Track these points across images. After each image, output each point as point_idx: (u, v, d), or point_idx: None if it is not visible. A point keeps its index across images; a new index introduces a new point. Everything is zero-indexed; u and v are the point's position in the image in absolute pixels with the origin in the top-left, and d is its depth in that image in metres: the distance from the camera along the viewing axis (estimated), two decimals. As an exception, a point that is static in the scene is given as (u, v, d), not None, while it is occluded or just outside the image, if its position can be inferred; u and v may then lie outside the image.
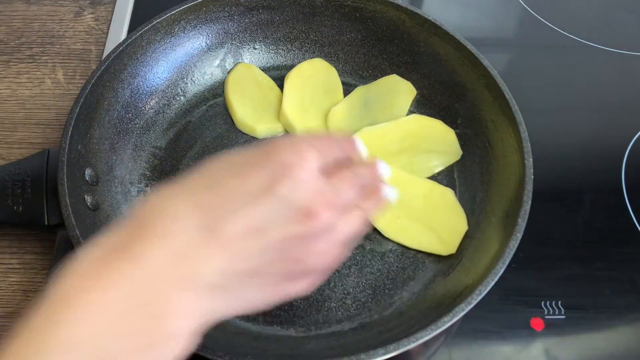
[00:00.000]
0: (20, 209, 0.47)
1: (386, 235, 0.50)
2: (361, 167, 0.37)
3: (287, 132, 0.57)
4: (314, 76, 0.59)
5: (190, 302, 0.30)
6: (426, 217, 0.51)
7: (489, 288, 0.41)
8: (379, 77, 0.59)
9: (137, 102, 0.55)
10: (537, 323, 0.48)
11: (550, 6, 0.73)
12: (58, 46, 0.66)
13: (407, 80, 0.58)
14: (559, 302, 0.49)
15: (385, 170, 0.38)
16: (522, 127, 0.49)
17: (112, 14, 0.69)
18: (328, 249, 0.34)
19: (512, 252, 0.42)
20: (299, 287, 0.35)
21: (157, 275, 0.29)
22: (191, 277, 0.30)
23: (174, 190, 0.33)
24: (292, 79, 0.59)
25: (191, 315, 0.30)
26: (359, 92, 0.59)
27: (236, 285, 0.31)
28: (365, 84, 0.59)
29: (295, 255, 0.33)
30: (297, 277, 0.34)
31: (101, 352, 0.27)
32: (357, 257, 0.49)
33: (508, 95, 0.50)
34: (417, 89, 0.58)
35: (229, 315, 0.33)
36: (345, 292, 0.48)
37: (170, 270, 0.29)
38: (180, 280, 0.30)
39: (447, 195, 0.52)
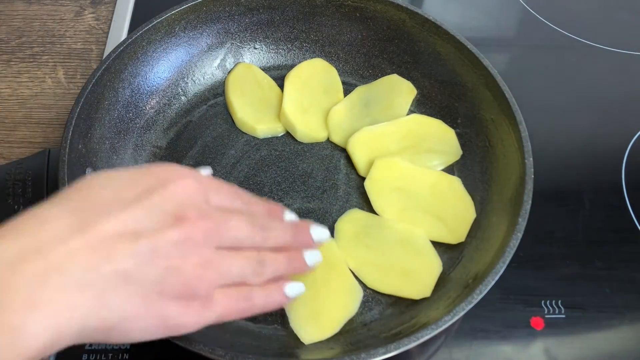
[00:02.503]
0: (21, 208, 0.47)
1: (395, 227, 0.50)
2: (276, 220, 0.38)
3: (288, 131, 0.57)
4: (314, 76, 0.59)
5: (48, 297, 0.28)
6: (434, 207, 0.51)
7: (489, 287, 0.41)
8: (379, 77, 0.60)
9: (138, 102, 0.55)
10: (537, 322, 0.48)
11: (551, 6, 0.73)
12: (59, 46, 0.66)
13: (408, 80, 0.58)
14: (559, 302, 0.49)
15: (316, 234, 0.40)
16: (523, 127, 0.49)
17: (113, 14, 0.69)
18: (205, 265, 0.33)
19: (513, 252, 0.42)
20: (183, 312, 0.33)
21: (6, 264, 0.28)
22: (52, 270, 0.28)
23: (49, 201, 0.32)
24: (293, 79, 0.59)
25: (50, 312, 0.28)
26: (359, 91, 0.59)
27: (109, 288, 0.30)
28: (366, 83, 0.60)
29: (170, 264, 0.32)
30: (177, 296, 0.32)
31: None
32: (358, 257, 0.49)
33: (508, 94, 0.50)
34: (417, 88, 0.58)
35: (113, 329, 0.31)
36: (346, 291, 0.48)
37: (24, 262, 0.28)
38: (36, 273, 0.28)
39: (454, 185, 0.52)
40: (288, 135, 0.57)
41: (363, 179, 0.53)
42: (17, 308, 0.27)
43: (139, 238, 0.31)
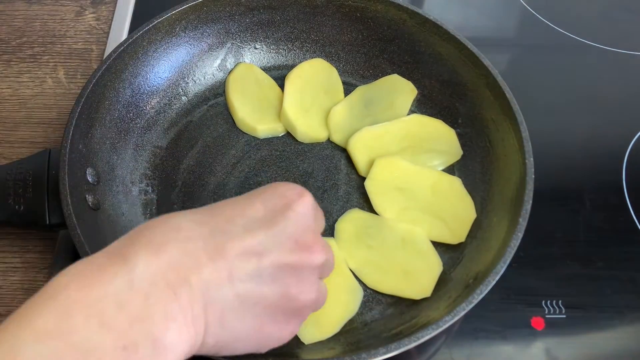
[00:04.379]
0: (22, 208, 0.47)
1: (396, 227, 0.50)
2: None
3: (288, 132, 0.57)
4: (314, 76, 0.59)
5: (179, 311, 0.29)
6: (434, 207, 0.51)
7: (490, 287, 0.41)
8: (380, 77, 0.59)
9: (138, 102, 0.55)
10: (537, 322, 0.48)
11: (551, 6, 0.73)
12: (59, 46, 0.66)
13: (408, 80, 0.58)
14: (560, 302, 0.49)
15: None
16: (523, 127, 0.49)
17: (113, 14, 0.69)
18: (318, 284, 0.36)
19: (513, 252, 0.42)
20: (290, 329, 0.35)
21: (146, 278, 0.28)
22: (180, 283, 0.29)
23: (176, 213, 0.33)
24: (293, 79, 0.59)
25: (180, 326, 0.29)
26: (360, 91, 0.59)
27: (228, 308, 0.31)
28: (366, 83, 0.60)
29: (289, 286, 0.33)
30: (289, 315, 0.34)
31: (76, 345, 0.26)
32: (358, 257, 0.49)
33: (509, 94, 0.50)
34: (417, 88, 0.58)
35: (224, 347, 0.32)
36: (346, 291, 0.48)
37: (160, 275, 0.29)
38: (169, 286, 0.29)
39: (455, 184, 0.52)
40: (288, 135, 0.57)
41: (363, 179, 0.53)
42: (157, 320, 0.28)
43: (263, 259, 0.32)
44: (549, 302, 0.49)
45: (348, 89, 0.59)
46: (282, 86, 0.59)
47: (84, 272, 0.28)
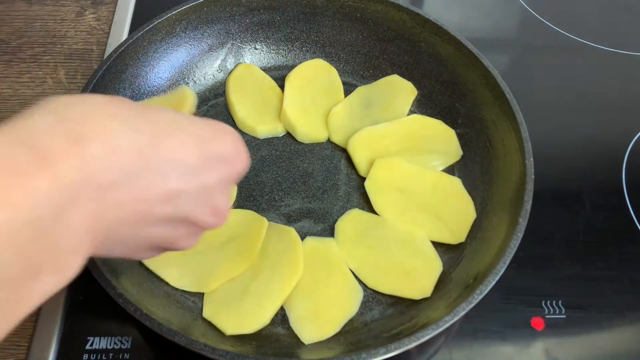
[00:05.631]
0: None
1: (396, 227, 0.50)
2: None
3: (288, 132, 0.57)
4: (314, 76, 0.59)
5: (88, 243, 0.28)
6: (434, 207, 0.51)
7: (489, 287, 0.41)
8: (380, 77, 0.60)
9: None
10: (537, 322, 0.48)
11: (551, 6, 0.73)
12: (59, 46, 0.66)
13: (408, 80, 0.58)
14: (560, 302, 0.49)
15: None
16: (523, 127, 0.49)
17: (114, 14, 0.69)
18: (198, 240, 0.37)
19: (513, 252, 0.42)
20: (154, 256, 0.36)
21: (69, 204, 0.26)
22: (99, 216, 0.28)
23: (114, 104, 0.30)
24: (293, 79, 0.59)
25: (84, 256, 0.28)
26: (360, 92, 0.59)
27: (121, 231, 0.30)
28: (366, 84, 0.60)
29: (177, 235, 0.34)
30: (161, 250, 0.35)
31: None
32: (358, 257, 0.49)
33: (509, 95, 0.50)
34: (417, 89, 0.58)
35: (118, 252, 0.32)
36: (346, 291, 0.48)
37: (84, 205, 0.27)
38: (90, 217, 0.27)
39: (454, 185, 0.52)
40: (288, 135, 0.57)
41: (363, 179, 0.53)
42: (67, 252, 0.27)
43: (176, 211, 0.32)
44: (548, 302, 0.49)
45: (348, 89, 0.59)
46: (282, 86, 0.59)
47: (4, 172, 0.24)
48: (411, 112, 0.58)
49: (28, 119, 0.27)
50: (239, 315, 0.45)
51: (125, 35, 0.66)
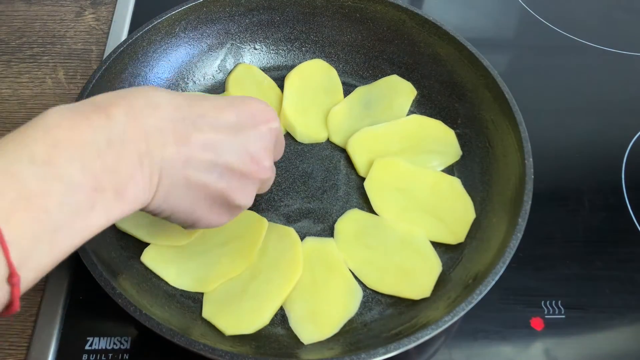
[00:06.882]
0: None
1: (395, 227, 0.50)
2: None
3: (288, 132, 0.57)
4: (314, 76, 0.59)
5: (140, 175, 0.33)
6: (434, 208, 0.51)
7: (489, 287, 0.41)
8: (379, 78, 0.60)
9: (138, 102, 0.55)
10: (537, 323, 0.48)
11: (550, 6, 0.73)
12: (59, 46, 0.66)
13: (407, 80, 0.58)
14: (559, 302, 0.49)
15: None
16: (522, 127, 0.49)
17: (113, 14, 0.69)
18: (254, 194, 0.41)
19: (513, 252, 0.42)
20: (217, 219, 0.41)
21: (122, 140, 0.32)
22: (146, 154, 0.33)
23: (158, 89, 0.37)
24: (293, 80, 0.59)
25: (138, 186, 0.33)
26: (359, 92, 0.59)
27: (176, 185, 0.36)
28: (366, 84, 0.60)
29: (230, 187, 0.38)
30: (221, 209, 0.40)
31: (61, 177, 0.29)
32: (358, 257, 0.49)
33: (508, 95, 0.50)
34: (417, 89, 0.58)
35: (161, 214, 0.37)
36: (346, 291, 0.48)
37: (132, 142, 0.33)
38: (137, 153, 0.33)
39: (454, 185, 0.52)
40: (288, 135, 0.57)
41: (363, 179, 0.53)
42: (123, 176, 0.32)
43: (220, 158, 0.37)
44: (548, 302, 0.49)
45: (347, 89, 0.59)
46: (281, 87, 0.59)
47: (73, 116, 0.31)
48: (411, 112, 0.58)
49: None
50: (239, 316, 0.45)
51: (124, 36, 0.66)
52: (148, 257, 0.47)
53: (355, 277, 0.48)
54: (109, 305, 0.40)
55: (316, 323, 0.45)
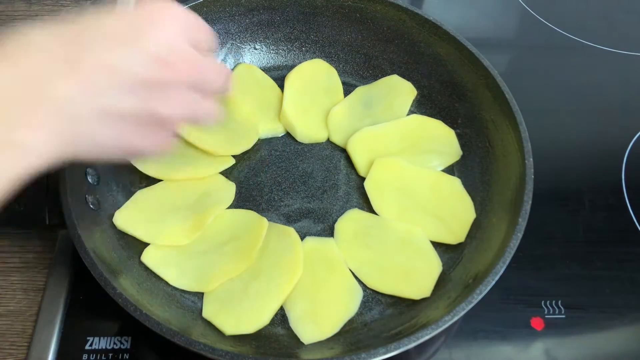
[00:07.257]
0: (22, 208, 0.47)
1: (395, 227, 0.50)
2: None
3: (288, 132, 0.57)
4: (314, 76, 0.59)
5: (42, 119, 0.30)
6: (434, 207, 0.51)
7: (489, 287, 0.41)
8: (380, 78, 0.60)
9: (138, 102, 0.55)
10: (537, 322, 0.48)
11: (550, 6, 0.73)
12: (59, 46, 0.66)
13: (408, 80, 0.58)
14: (559, 302, 0.49)
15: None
16: (523, 127, 0.49)
17: (113, 14, 0.69)
18: (189, 99, 0.37)
19: (513, 252, 0.42)
20: (154, 139, 0.36)
21: (6, 87, 0.30)
22: (44, 95, 0.30)
23: (44, 28, 0.33)
24: (293, 79, 0.59)
25: (42, 131, 0.30)
26: (360, 92, 0.59)
27: (87, 119, 0.32)
28: (366, 84, 0.60)
29: (149, 101, 0.34)
30: (152, 127, 0.36)
31: None
32: (358, 257, 0.49)
33: (508, 95, 0.51)
34: (417, 89, 0.58)
35: (88, 150, 0.34)
36: (346, 291, 0.48)
37: (22, 87, 0.30)
38: (31, 97, 0.30)
39: (454, 185, 0.52)
40: (288, 135, 0.57)
41: (363, 179, 0.53)
42: (20, 128, 0.30)
43: (125, 75, 0.33)
44: (548, 302, 0.49)
45: (348, 89, 0.59)
46: (281, 86, 0.59)
47: None
48: (411, 112, 0.58)
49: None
50: (239, 315, 0.45)
51: (124, 36, 0.66)
52: (148, 257, 0.47)
53: (356, 277, 0.48)
54: (109, 305, 0.40)
55: (316, 323, 0.45)
